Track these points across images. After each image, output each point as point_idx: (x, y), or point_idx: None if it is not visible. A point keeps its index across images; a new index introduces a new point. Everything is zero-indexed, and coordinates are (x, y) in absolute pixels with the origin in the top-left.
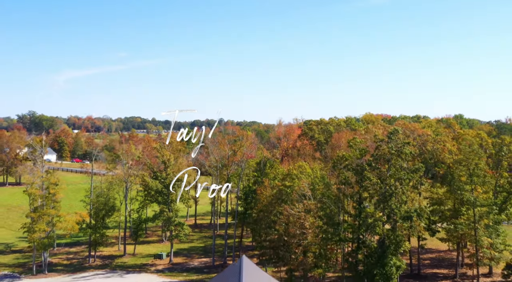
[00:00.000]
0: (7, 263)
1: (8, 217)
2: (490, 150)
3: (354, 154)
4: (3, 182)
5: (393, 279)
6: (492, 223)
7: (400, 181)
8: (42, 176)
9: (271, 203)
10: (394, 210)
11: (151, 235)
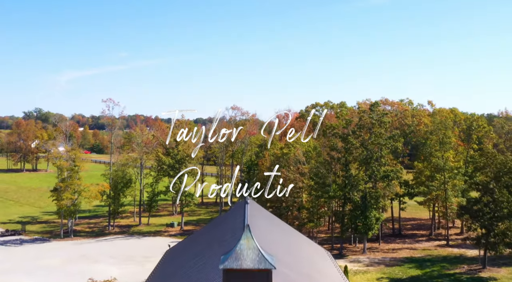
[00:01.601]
0: (36, 231)
1: (30, 197)
2: (462, 125)
3: (341, 123)
4: (21, 168)
5: (373, 228)
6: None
7: (380, 146)
8: (69, 150)
9: (270, 169)
10: (374, 171)
11: (162, 211)
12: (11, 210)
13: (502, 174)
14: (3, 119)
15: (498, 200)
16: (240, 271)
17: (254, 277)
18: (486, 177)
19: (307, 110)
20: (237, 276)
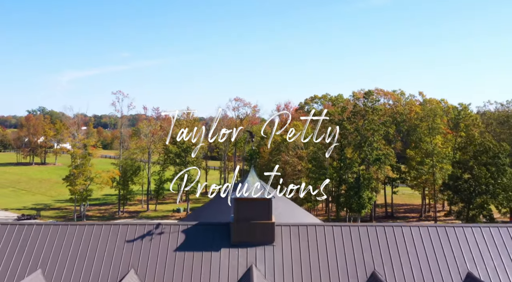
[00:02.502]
0: (50, 216)
1: (41, 187)
2: (450, 114)
3: (336, 110)
4: (30, 162)
5: (366, 207)
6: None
7: (372, 132)
8: (82, 138)
9: (271, 154)
10: (367, 155)
11: (168, 199)
12: (24, 198)
13: (480, 153)
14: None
15: (476, 176)
16: (247, 200)
17: (257, 205)
18: (466, 156)
19: (306, 102)
20: (244, 204)
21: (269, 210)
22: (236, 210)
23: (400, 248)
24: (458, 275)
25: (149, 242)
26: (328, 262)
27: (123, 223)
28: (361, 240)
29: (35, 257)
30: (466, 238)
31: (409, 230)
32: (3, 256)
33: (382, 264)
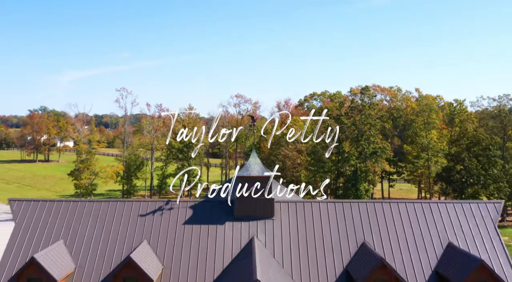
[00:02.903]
0: None
1: (46, 183)
2: (446, 110)
3: (335, 105)
4: (34, 159)
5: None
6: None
7: (369, 126)
8: (87, 134)
9: (271, 148)
10: (364, 148)
11: (170, 194)
12: (29, 194)
13: (472, 145)
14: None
15: (468, 167)
16: (248, 178)
17: (257, 183)
18: (459, 148)
19: (306, 99)
20: (246, 181)
21: (269, 188)
22: (239, 187)
23: (388, 221)
24: (439, 245)
25: (160, 217)
26: (322, 234)
27: (137, 199)
28: (353, 215)
29: (57, 229)
30: (448, 213)
31: (396, 206)
32: (29, 228)
33: (371, 235)
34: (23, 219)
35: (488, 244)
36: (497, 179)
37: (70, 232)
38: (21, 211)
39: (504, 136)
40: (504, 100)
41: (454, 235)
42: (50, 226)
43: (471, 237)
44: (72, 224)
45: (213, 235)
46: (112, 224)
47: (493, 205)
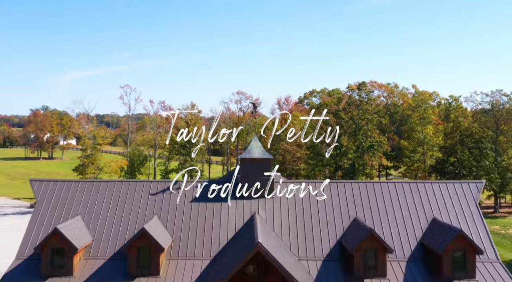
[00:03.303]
0: None
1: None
2: (442, 106)
3: (333, 101)
4: (37, 156)
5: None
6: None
7: (366, 121)
8: (92, 130)
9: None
10: (362, 142)
11: None
12: None
13: (465, 137)
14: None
15: (461, 159)
16: (250, 160)
17: (259, 164)
18: (453, 140)
19: (306, 96)
20: (248, 162)
21: (269, 168)
22: (242, 167)
23: (378, 199)
24: (425, 220)
25: (169, 195)
26: (318, 211)
27: (147, 180)
28: (346, 194)
29: (75, 206)
30: (433, 192)
31: (386, 185)
32: (49, 206)
33: (363, 212)
34: (44, 197)
35: (469, 219)
36: (489, 171)
37: (86, 209)
38: (42, 190)
39: (497, 131)
40: (497, 96)
41: (438, 211)
42: (68, 203)
43: (454, 213)
44: (88, 202)
45: (217, 211)
46: (125, 201)
47: (474, 185)
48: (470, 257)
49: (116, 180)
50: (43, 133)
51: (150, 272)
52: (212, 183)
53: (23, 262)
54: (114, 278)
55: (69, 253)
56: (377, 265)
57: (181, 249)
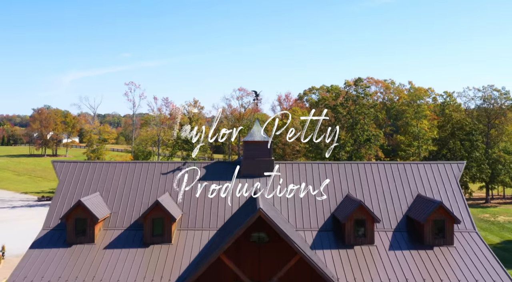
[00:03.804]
0: None
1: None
2: (437, 101)
3: (331, 96)
4: (42, 153)
5: None
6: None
7: (363, 115)
8: (97, 126)
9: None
10: (359, 136)
11: None
12: (41, 184)
13: (456, 129)
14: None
15: (452, 150)
16: (252, 142)
17: (260, 145)
18: (445, 133)
19: (305, 93)
20: (251, 145)
21: (269, 150)
22: (245, 150)
23: (368, 178)
24: (410, 196)
25: (179, 174)
26: (313, 188)
27: (158, 162)
28: (339, 173)
29: (94, 184)
30: (419, 171)
31: (376, 166)
32: (70, 183)
33: (354, 189)
34: (65, 176)
35: (450, 194)
36: (479, 162)
37: (104, 187)
38: (63, 170)
39: (488, 124)
40: (489, 91)
41: (422, 188)
42: (87, 181)
43: (436, 189)
44: (105, 180)
45: (222, 188)
46: (138, 180)
47: (456, 165)
48: (448, 226)
49: (130, 161)
50: (48, 131)
51: (163, 240)
52: (219, 164)
53: (49, 232)
54: (131, 245)
55: (91, 223)
56: (366, 234)
57: (190, 221)
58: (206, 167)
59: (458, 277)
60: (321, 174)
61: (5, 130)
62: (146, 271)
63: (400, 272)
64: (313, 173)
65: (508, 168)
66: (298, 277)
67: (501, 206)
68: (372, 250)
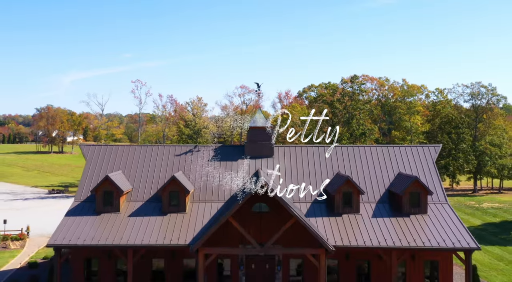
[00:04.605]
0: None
1: (63, 170)
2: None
3: (328, 92)
4: (48, 150)
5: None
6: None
7: (358, 110)
8: (105, 121)
9: None
10: (354, 130)
11: None
12: (49, 179)
13: (444, 124)
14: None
15: (440, 142)
16: (256, 127)
17: (262, 131)
18: (434, 127)
19: (304, 91)
20: (254, 130)
21: (270, 135)
22: (249, 135)
23: (356, 159)
24: (392, 173)
25: (191, 156)
26: (308, 167)
27: (172, 145)
28: (331, 154)
29: (116, 163)
30: (400, 153)
31: (363, 149)
32: (96, 163)
33: (344, 168)
34: (91, 157)
35: (427, 172)
36: (466, 153)
37: (125, 166)
38: (89, 152)
39: (476, 119)
40: (476, 87)
41: (403, 167)
42: (111, 161)
43: (415, 168)
44: (126, 161)
45: (229, 167)
46: (155, 160)
47: (433, 148)
48: (422, 198)
49: (148, 144)
50: (54, 129)
51: (178, 209)
52: (225, 147)
53: (80, 203)
54: (151, 214)
55: (117, 195)
56: (352, 204)
57: (201, 195)
58: (215, 149)
59: (428, 237)
60: (315, 156)
61: (10, 129)
62: (165, 234)
63: (380, 234)
64: (307, 154)
65: (494, 160)
66: (294, 239)
67: (488, 195)
68: (357, 218)
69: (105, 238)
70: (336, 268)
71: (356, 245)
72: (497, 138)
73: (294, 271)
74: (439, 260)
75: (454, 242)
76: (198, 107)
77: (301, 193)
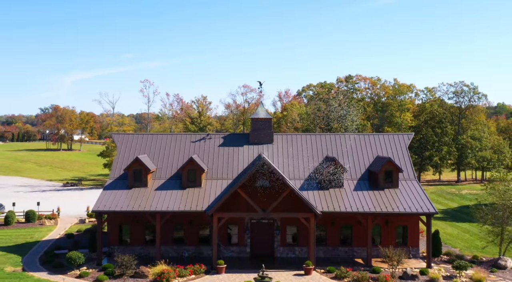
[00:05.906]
0: (89, 184)
1: (74, 165)
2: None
3: (324, 91)
4: (58, 148)
5: None
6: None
7: (352, 107)
8: (117, 119)
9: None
10: (348, 126)
11: None
12: (61, 173)
13: (429, 119)
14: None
15: (425, 136)
16: (258, 119)
17: (263, 122)
18: (419, 121)
19: (303, 90)
20: (257, 121)
21: (270, 125)
22: (252, 124)
23: (342, 145)
24: (372, 156)
25: (203, 143)
26: (303, 152)
27: (188, 133)
28: (321, 141)
29: (142, 149)
30: (379, 139)
31: (348, 136)
32: (126, 148)
33: (332, 152)
34: (122, 144)
35: (400, 155)
36: (448, 145)
37: (150, 150)
38: (119, 139)
39: (459, 115)
40: (459, 86)
41: (381, 151)
42: (138, 147)
43: (391, 152)
44: (150, 146)
45: (236, 152)
46: (175, 146)
47: (406, 136)
48: (395, 174)
49: (168, 133)
50: (63, 127)
51: (195, 185)
52: (233, 135)
53: (114, 180)
54: (173, 188)
55: (145, 173)
56: (338, 181)
57: (213, 173)
58: (224, 137)
59: (397, 205)
60: (308, 143)
61: (18, 128)
62: (186, 202)
63: (359, 203)
64: (302, 141)
65: (475, 152)
66: (290, 206)
67: (469, 184)
68: (341, 191)
69: (138, 205)
70: (324, 234)
71: (339, 210)
72: (477, 132)
73: (290, 237)
74: (408, 225)
75: (417, 208)
76: (203, 105)
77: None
